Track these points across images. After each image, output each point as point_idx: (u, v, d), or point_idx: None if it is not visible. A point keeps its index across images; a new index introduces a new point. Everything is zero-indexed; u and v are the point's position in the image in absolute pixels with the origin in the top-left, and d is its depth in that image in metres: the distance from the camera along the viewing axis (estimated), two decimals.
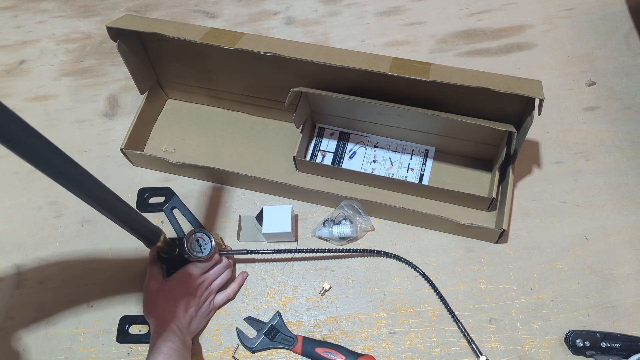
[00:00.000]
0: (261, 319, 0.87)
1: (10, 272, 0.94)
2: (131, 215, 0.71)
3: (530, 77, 0.80)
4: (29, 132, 0.51)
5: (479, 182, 0.96)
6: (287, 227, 0.89)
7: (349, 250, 0.90)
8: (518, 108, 0.85)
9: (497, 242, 0.91)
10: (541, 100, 0.76)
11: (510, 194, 0.88)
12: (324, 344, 0.84)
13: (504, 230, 0.86)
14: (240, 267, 0.93)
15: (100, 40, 1.21)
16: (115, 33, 0.88)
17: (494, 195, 0.88)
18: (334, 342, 0.84)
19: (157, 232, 0.78)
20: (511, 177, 0.89)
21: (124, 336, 0.87)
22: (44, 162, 0.55)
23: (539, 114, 0.78)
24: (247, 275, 0.91)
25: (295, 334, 0.85)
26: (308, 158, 1.01)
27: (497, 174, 0.89)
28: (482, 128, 0.83)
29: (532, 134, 1.00)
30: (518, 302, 0.87)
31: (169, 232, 0.95)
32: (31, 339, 0.88)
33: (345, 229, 0.91)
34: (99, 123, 1.09)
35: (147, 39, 0.95)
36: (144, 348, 0.86)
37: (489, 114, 0.86)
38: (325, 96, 0.90)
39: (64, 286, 0.92)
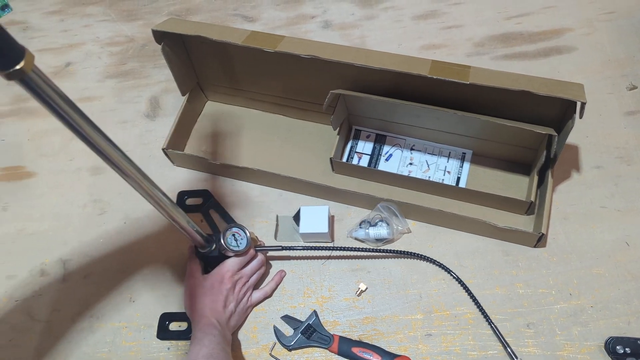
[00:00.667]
0: (298, 318, 0.88)
1: (57, 266, 0.97)
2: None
3: (571, 81, 0.79)
4: None
5: (517, 185, 0.96)
6: (324, 228, 0.90)
7: (385, 251, 0.91)
8: (558, 112, 0.84)
9: (535, 247, 0.91)
10: (583, 104, 0.76)
11: (549, 198, 0.88)
12: (360, 344, 0.84)
13: (542, 234, 0.85)
14: (276, 266, 0.94)
15: (142, 44, 1.24)
16: (159, 36, 0.91)
17: (532, 199, 0.88)
18: (370, 343, 0.85)
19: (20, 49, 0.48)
20: (550, 181, 0.89)
21: (164, 333, 0.89)
22: None
23: (581, 117, 0.77)
24: (285, 274, 0.92)
25: (332, 333, 0.86)
26: (344, 160, 1.02)
27: (536, 178, 0.89)
28: (521, 131, 0.83)
29: (571, 138, 0.98)
30: (557, 307, 0.86)
31: (207, 231, 0.97)
32: (76, 332, 0.91)
33: (381, 230, 0.92)
34: (141, 124, 1.12)
35: (189, 42, 0.98)
36: (183, 343, 0.88)
37: (527, 117, 0.86)
38: (363, 98, 0.91)
39: (107, 281, 0.95)
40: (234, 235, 0.86)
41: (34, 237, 1.01)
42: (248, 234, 0.86)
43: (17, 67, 0.47)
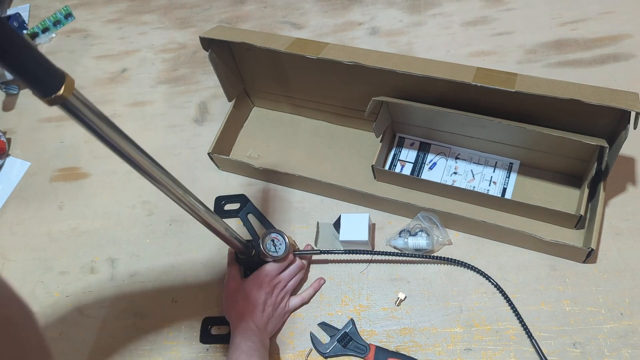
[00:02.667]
0: (335, 325, 0.88)
1: (106, 264, 1.01)
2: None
3: (627, 90, 0.76)
4: None
5: (566, 198, 0.92)
6: (364, 236, 0.90)
7: (427, 257, 0.89)
8: (611, 122, 0.80)
9: (584, 262, 0.87)
10: (637, 114, 0.72)
11: (600, 212, 0.84)
12: (397, 355, 0.83)
13: (592, 249, 0.82)
14: (315, 272, 0.94)
15: (194, 50, 1.28)
16: (207, 43, 0.93)
17: (582, 212, 0.84)
18: (407, 354, 0.84)
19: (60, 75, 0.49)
20: (602, 194, 0.85)
21: (206, 337, 0.91)
22: None
23: (635, 127, 0.73)
24: (324, 281, 0.92)
25: (368, 343, 0.85)
26: (387, 167, 1.01)
27: (587, 191, 0.85)
28: (571, 142, 0.79)
29: (627, 149, 0.94)
30: (606, 327, 0.81)
31: (246, 236, 0.99)
32: (121, 329, 0.94)
33: (421, 240, 0.90)
34: (190, 128, 1.15)
35: (236, 49, 1.00)
36: (221, 346, 0.90)
37: (578, 127, 0.82)
38: (407, 106, 0.90)
39: (151, 281, 0.98)
40: (272, 240, 0.87)
41: (86, 235, 1.06)
42: (287, 240, 0.87)
43: (58, 93, 0.48)
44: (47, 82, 0.47)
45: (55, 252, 1.05)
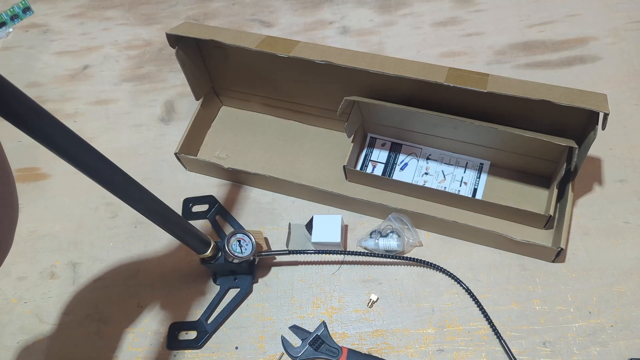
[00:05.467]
0: (306, 328, 0.86)
1: (67, 269, 0.97)
2: (181, 225, 0.75)
3: (594, 91, 0.77)
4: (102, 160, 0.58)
5: (536, 198, 0.93)
6: (337, 237, 0.89)
7: (398, 258, 0.88)
8: (580, 122, 0.81)
9: (553, 262, 0.87)
10: (606, 115, 0.73)
11: (569, 212, 0.85)
12: (369, 357, 0.82)
13: (561, 249, 0.82)
14: (285, 274, 0.92)
15: (160, 47, 1.24)
16: (174, 40, 0.91)
17: (551, 212, 0.85)
18: (380, 357, 0.83)
19: (206, 241, 0.76)
20: (570, 194, 0.86)
21: (173, 342, 0.88)
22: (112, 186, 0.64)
23: (603, 128, 0.74)
24: None
25: (340, 345, 0.84)
26: (358, 168, 1.00)
27: (556, 191, 0.86)
28: (541, 142, 0.80)
29: (594, 150, 0.96)
30: (575, 325, 0.82)
31: (215, 238, 0.96)
32: (84, 335, 0.90)
33: (391, 242, 0.89)
34: (156, 128, 1.12)
35: (204, 46, 0.97)
36: (188, 352, 0.87)
37: (548, 128, 0.83)
38: (378, 106, 0.89)
39: (116, 285, 0.94)
40: (238, 241, 0.85)
41: (46, 238, 1.01)
42: (253, 240, 0.85)
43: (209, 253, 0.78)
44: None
45: (13, 257, 1.00)
